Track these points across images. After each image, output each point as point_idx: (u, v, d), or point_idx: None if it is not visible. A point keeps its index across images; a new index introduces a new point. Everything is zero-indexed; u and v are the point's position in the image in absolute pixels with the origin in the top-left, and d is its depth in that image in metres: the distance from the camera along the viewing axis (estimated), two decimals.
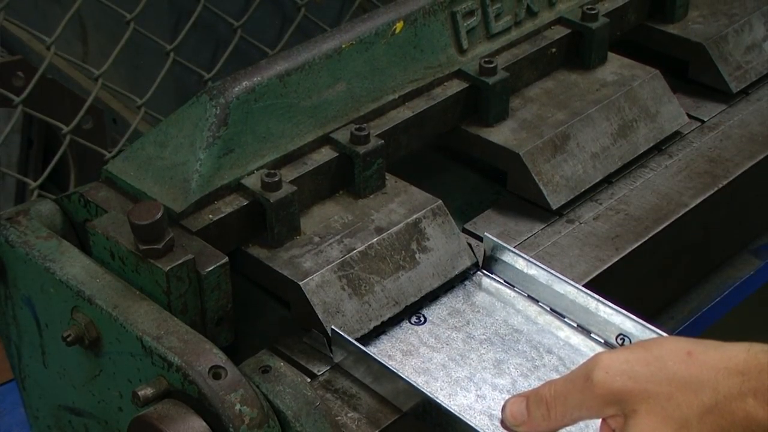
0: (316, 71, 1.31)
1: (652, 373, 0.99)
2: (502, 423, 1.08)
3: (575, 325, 1.26)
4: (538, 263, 1.28)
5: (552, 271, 1.26)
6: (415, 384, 1.13)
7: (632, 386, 0.99)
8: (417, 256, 1.28)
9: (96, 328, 1.17)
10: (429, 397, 1.13)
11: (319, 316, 1.20)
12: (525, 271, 1.28)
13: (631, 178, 1.48)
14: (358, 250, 1.25)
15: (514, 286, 1.30)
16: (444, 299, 1.29)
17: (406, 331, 1.25)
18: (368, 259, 1.25)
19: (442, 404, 1.11)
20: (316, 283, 1.21)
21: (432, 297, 1.29)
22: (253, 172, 1.27)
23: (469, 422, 1.10)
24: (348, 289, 1.22)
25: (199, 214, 1.23)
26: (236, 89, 1.25)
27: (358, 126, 1.32)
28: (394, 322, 1.26)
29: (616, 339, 1.23)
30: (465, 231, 1.38)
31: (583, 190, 1.43)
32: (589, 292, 1.24)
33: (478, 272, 1.32)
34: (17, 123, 2.54)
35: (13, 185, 2.74)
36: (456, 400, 1.17)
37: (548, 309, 1.28)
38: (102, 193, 1.27)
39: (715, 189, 1.47)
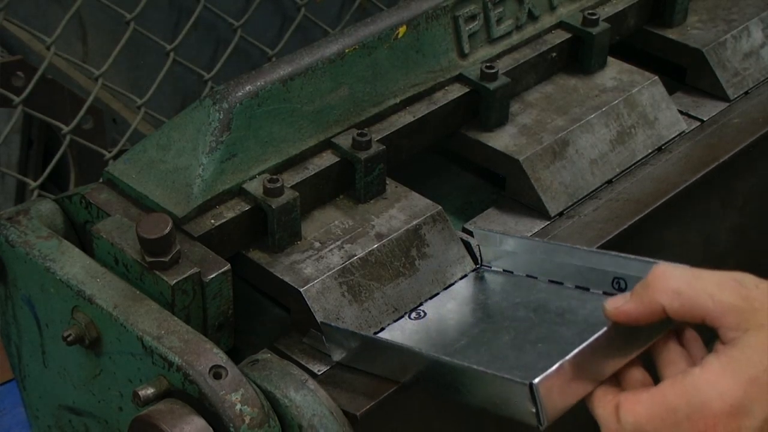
0: (319, 76, 1.32)
1: None
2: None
3: (573, 287, 1.25)
4: (526, 237, 1.28)
5: (541, 241, 1.27)
6: (415, 349, 1.13)
7: None
8: (417, 262, 1.29)
9: (96, 328, 1.17)
10: (432, 356, 1.12)
11: (319, 323, 1.20)
12: (516, 250, 1.29)
13: (631, 175, 1.49)
14: (358, 256, 1.26)
15: (512, 272, 1.31)
16: (444, 295, 1.29)
17: (404, 325, 1.25)
18: (368, 265, 1.26)
19: (446, 360, 1.10)
20: (316, 289, 1.22)
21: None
22: (255, 177, 1.27)
23: (478, 368, 1.08)
24: (348, 296, 1.23)
25: (201, 219, 1.24)
26: (239, 94, 1.26)
27: (359, 131, 1.32)
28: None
29: (612, 284, 1.22)
30: (465, 231, 1.39)
31: (581, 197, 1.43)
32: (580, 247, 1.24)
33: (478, 268, 1.33)
34: (17, 123, 2.54)
35: (13, 185, 2.74)
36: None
37: (546, 281, 1.27)
38: (104, 195, 1.28)
39: (716, 164, 1.48)
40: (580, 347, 1.06)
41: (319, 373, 1.21)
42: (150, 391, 1.08)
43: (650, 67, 1.60)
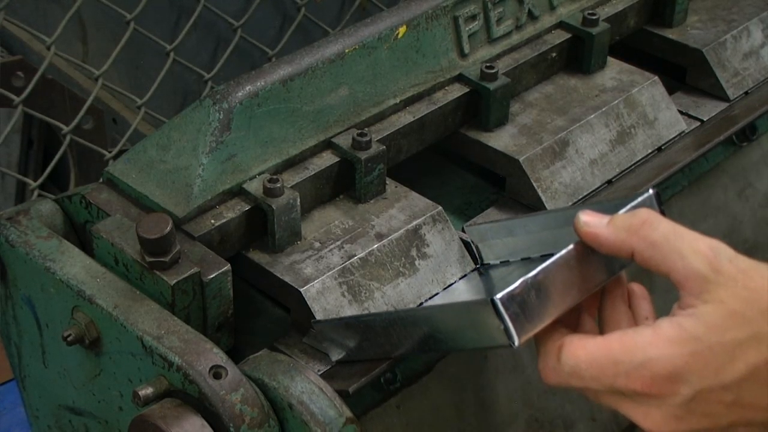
0: (319, 76, 1.32)
1: None
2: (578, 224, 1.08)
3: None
4: (514, 217, 1.28)
5: (530, 216, 1.27)
6: (389, 311, 1.13)
7: None
8: (417, 262, 1.29)
9: (96, 328, 1.17)
10: (402, 311, 1.12)
11: (312, 322, 1.20)
12: (509, 235, 1.29)
13: (631, 172, 1.49)
14: (358, 256, 1.26)
15: (509, 261, 1.31)
16: (444, 294, 1.29)
17: None
18: (368, 265, 1.26)
19: (418, 309, 1.10)
20: (316, 289, 1.22)
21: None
22: (255, 177, 1.27)
23: (444, 303, 1.07)
24: (348, 296, 1.23)
25: (201, 219, 1.24)
26: (239, 94, 1.26)
27: (359, 131, 1.33)
28: None
29: None
30: (465, 231, 1.39)
31: (581, 197, 1.43)
32: (559, 209, 1.23)
33: (478, 267, 1.33)
34: (17, 123, 2.54)
35: (13, 185, 2.74)
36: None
37: (539, 257, 1.27)
38: (104, 195, 1.27)
39: (713, 143, 1.49)
40: (543, 265, 1.06)
41: (319, 372, 1.21)
42: (150, 391, 1.08)
43: (650, 67, 1.60)
